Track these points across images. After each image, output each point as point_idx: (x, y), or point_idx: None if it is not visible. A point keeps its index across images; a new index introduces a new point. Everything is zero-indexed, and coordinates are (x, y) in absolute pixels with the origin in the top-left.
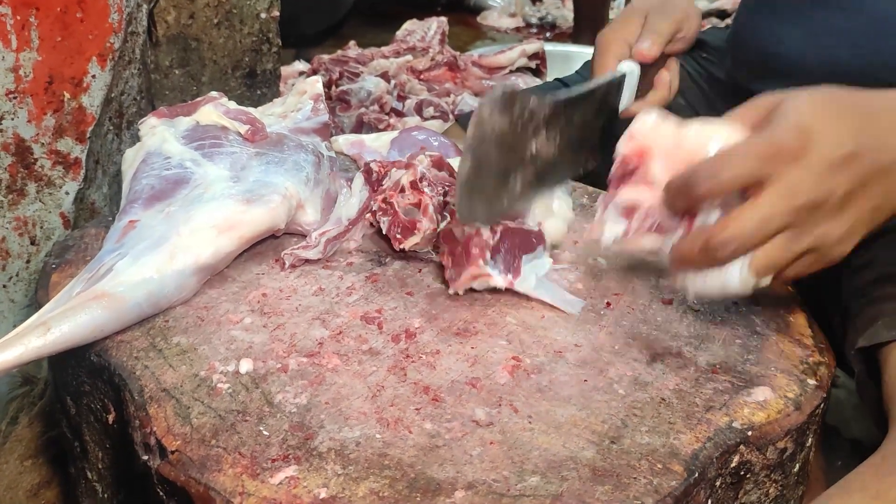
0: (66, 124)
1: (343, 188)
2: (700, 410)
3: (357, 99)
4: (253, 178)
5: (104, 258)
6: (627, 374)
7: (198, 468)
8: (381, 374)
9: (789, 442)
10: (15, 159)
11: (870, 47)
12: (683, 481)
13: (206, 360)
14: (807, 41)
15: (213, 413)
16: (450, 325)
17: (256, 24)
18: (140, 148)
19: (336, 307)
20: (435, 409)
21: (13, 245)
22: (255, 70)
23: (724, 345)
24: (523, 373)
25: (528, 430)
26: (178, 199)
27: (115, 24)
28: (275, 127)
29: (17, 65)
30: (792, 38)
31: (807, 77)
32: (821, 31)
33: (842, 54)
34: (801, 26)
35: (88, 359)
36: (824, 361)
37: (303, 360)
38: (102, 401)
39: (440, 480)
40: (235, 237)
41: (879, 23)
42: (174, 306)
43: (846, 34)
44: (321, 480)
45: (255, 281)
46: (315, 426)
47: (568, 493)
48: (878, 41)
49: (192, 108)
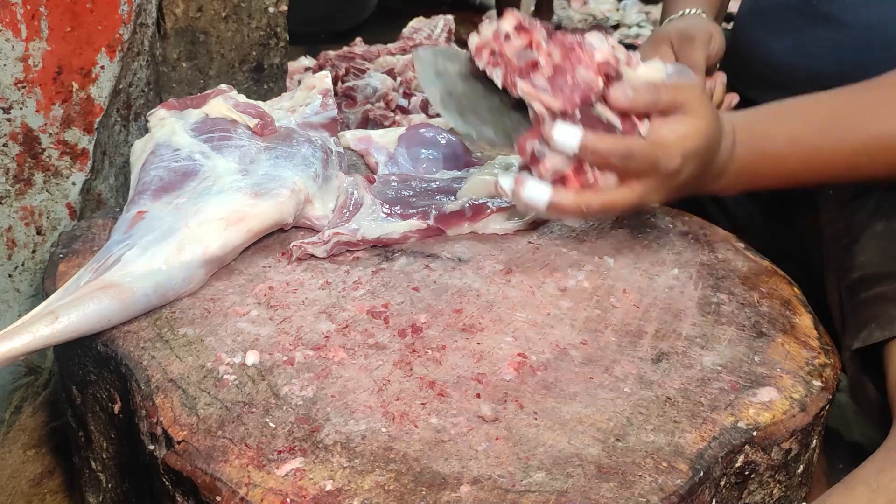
0: (74, 115)
1: (366, 198)
2: (705, 410)
3: (363, 95)
4: (262, 172)
5: (112, 248)
6: (633, 373)
7: (204, 458)
8: (387, 368)
9: (794, 443)
10: (23, 149)
11: (853, 57)
12: (688, 480)
13: (213, 352)
14: (795, 52)
15: (219, 404)
16: (456, 320)
17: (264, 18)
18: (149, 139)
19: (342, 301)
20: (441, 403)
21: (19, 235)
22: (263, 64)
23: (730, 345)
24: (529, 369)
25: (534, 427)
26: (186, 191)
27: (125, 15)
28: (283, 121)
29: (27, 54)
30: (781, 50)
31: (796, 86)
32: (808, 43)
33: (828, 64)
34: (791, 38)
35: (95, 348)
36: (830, 363)
37: (309, 354)
38: (108, 390)
39: (445, 475)
40: (243, 230)
41: (863, 33)
42: (181, 298)
43: (832, 45)
44: (327, 473)
45: (262, 274)
46: (321, 419)
47: (573, 489)
48: (862, 51)
49: (202, 101)
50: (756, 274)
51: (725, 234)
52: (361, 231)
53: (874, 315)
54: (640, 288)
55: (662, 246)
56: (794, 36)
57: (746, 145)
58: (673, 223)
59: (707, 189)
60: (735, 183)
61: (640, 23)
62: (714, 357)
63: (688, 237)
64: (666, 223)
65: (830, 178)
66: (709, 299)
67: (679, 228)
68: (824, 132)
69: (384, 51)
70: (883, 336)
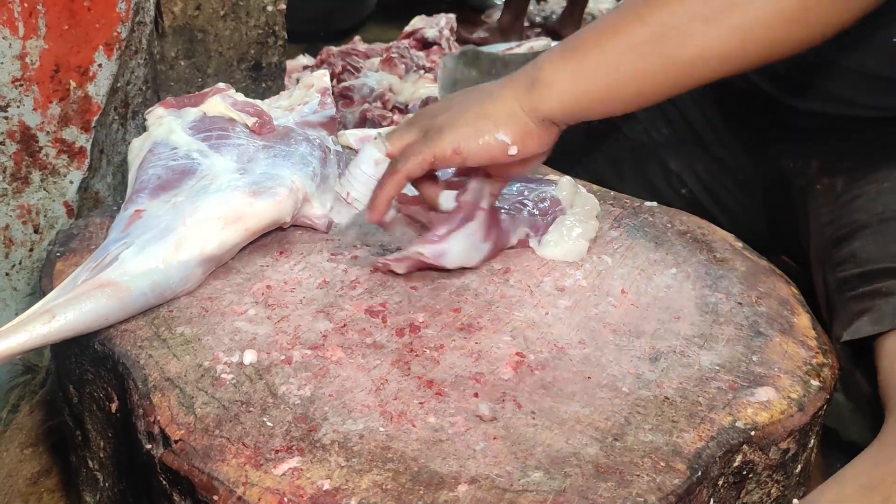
0: (71, 113)
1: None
2: (703, 409)
3: (360, 95)
4: (260, 171)
5: (110, 247)
6: (631, 372)
7: (201, 458)
8: (385, 367)
9: (792, 442)
10: (20, 147)
11: (828, 40)
12: (686, 480)
13: (211, 351)
14: None
15: (216, 403)
16: (454, 320)
17: (263, 16)
18: (147, 138)
19: (340, 300)
20: (438, 403)
21: (17, 233)
22: (261, 63)
23: (728, 344)
24: (527, 369)
25: (532, 426)
26: (184, 190)
27: (123, 13)
28: (281, 120)
29: (24, 52)
30: None
31: (778, 72)
32: None
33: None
34: None
35: (92, 347)
36: (828, 363)
37: (307, 353)
38: (106, 389)
39: (443, 474)
40: (241, 229)
41: None
42: (179, 297)
43: None
44: (324, 472)
45: (260, 273)
46: (319, 418)
47: (571, 489)
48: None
49: (200, 99)
50: (754, 273)
51: (724, 233)
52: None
53: (865, 309)
54: (638, 287)
55: (661, 245)
56: None
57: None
58: (671, 222)
59: (532, 105)
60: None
61: None
62: (712, 356)
63: (686, 236)
64: (664, 222)
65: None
66: (707, 299)
67: (677, 227)
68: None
69: (385, 49)
70: (873, 330)
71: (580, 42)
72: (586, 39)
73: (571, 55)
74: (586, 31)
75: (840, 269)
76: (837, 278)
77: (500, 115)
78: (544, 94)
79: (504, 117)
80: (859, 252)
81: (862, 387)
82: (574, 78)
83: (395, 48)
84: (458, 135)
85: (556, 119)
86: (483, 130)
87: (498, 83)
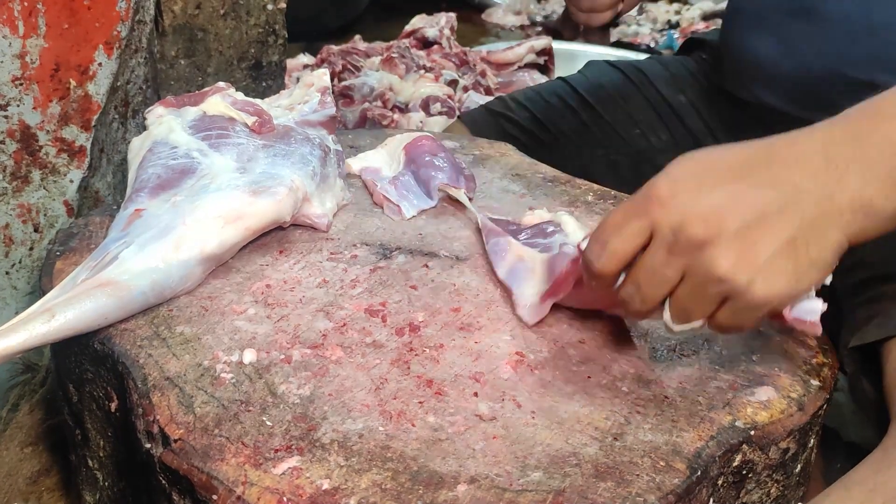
0: (71, 112)
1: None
2: (703, 409)
3: (360, 94)
4: (259, 170)
5: (109, 246)
6: (631, 372)
7: (200, 457)
8: (385, 366)
9: (792, 442)
10: (20, 146)
11: (837, 49)
12: (686, 479)
13: (210, 350)
14: (780, 50)
15: (216, 402)
16: (454, 319)
17: (263, 15)
18: (147, 137)
19: (340, 299)
20: (438, 402)
21: (17, 232)
22: (261, 62)
23: (728, 344)
24: (527, 368)
25: (531, 426)
26: (184, 189)
27: (123, 12)
28: (281, 119)
29: (24, 51)
30: (766, 48)
31: (784, 83)
32: (792, 39)
33: (812, 60)
34: (774, 35)
35: (92, 346)
36: (828, 362)
37: (306, 352)
38: (105, 388)
39: (443, 474)
40: (241, 228)
41: (845, 24)
42: (178, 296)
43: (814, 40)
44: (324, 471)
45: (260, 272)
46: (318, 417)
47: (570, 488)
48: (842, 44)
49: (200, 98)
50: None
51: None
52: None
53: (873, 314)
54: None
55: None
56: (777, 33)
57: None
58: None
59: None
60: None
61: (638, 21)
62: (712, 356)
63: None
64: None
65: None
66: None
67: None
68: None
69: (385, 49)
70: (880, 335)
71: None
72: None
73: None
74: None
75: (848, 275)
76: (845, 284)
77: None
78: None
79: None
80: (867, 258)
81: (868, 392)
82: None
83: (395, 47)
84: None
85: None
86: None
87: None
